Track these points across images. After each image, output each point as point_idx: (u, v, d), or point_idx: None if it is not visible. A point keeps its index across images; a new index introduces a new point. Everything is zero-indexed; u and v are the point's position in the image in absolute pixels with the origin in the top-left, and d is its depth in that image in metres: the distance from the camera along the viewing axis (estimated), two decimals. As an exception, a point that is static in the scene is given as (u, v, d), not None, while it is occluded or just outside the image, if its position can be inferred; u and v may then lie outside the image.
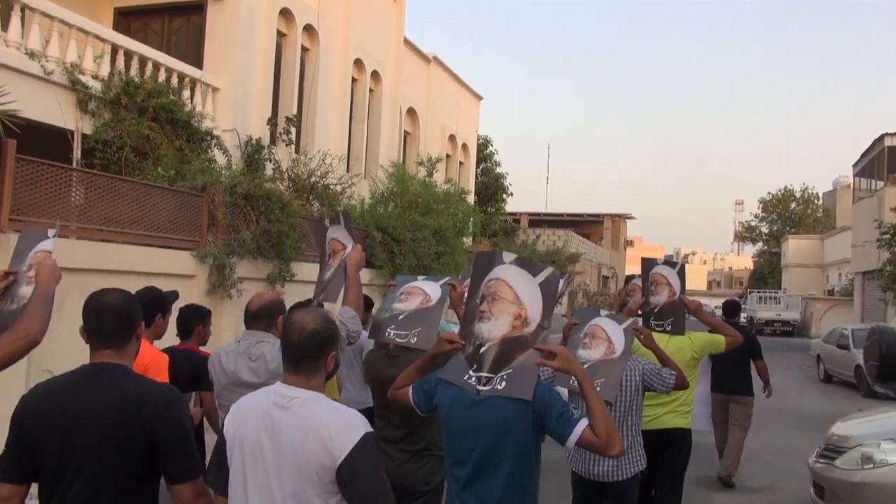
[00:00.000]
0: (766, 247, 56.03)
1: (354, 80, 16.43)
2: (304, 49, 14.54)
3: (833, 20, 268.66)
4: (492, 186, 27.76)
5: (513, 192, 28.50)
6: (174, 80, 10.85)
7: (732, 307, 7.61)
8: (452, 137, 22.50)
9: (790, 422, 10.73)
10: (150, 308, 3.64)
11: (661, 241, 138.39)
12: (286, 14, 13.65)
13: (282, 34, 13.78)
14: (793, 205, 55.79)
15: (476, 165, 25.77)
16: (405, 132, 19.77)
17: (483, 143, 27.41)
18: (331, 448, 2.04)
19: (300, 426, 2.08)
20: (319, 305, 3.84)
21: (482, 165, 27.56)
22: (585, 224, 41.65)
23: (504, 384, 2.55)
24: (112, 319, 2.26)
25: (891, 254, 19.69)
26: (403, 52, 18.60)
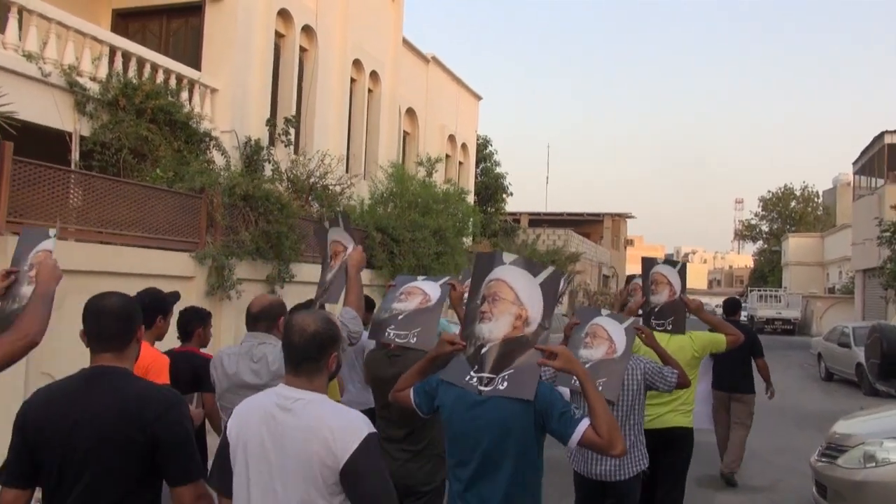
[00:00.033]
0: (767, 245, 55.96)
1: (353, 81, 16.41)
2: (303, 49, 14.52)
3: (831, 20, 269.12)
4: (491, 186, 27.72)
5: (512, 192, 28.58)
6: (172, 82, 10.84)
7: (733, 305, 7.59)
8: (452, 137, 22.48)
9: (791, 420, 10.70)
10: (151, 310, 3.63)
11: (662, 241, 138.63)
12: (284, 15, 13.64)
13: (280, 35, 13.76)
14: (793, 203, 55.73)
15: (475, 165, 25.74)
16: (404, 132, 19.74)
17: (482, 143, 27.37)
18: (334, 449, 2.04)
19: (303, 428, 2.08)
20: (321, 307, 3.84)
21: (482, 165, 27.53)
22: (585, 223, 41.60)
23: (506, 384, 2.55)
24: (112, 323, 2.26)
25: (891, 251, 19.64)
26: (402, 53, 18.59)
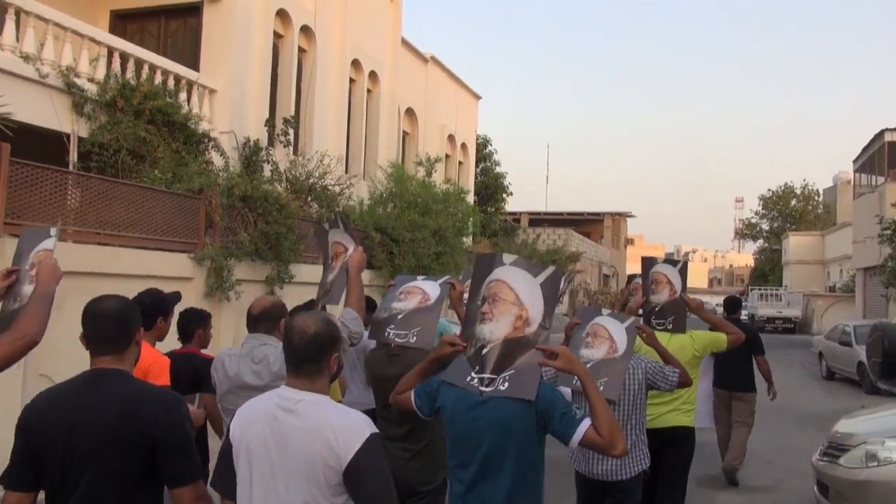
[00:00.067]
0: (767, 244, 55.92)
1: (352, 81, 16.39)
2: (301, 50, 14.50)
3: (831, 20, 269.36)
4: (491, 186, 27.69)
5: (512, 192, 28.45)
6: (170, 83, 10.82)
7: (733, 303, 7.57)
8: (451, 137, 22.46)
9: (792, 420, 10.67)
10: (152, 310, 3.63)
11: (662, 240, 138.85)
12: (282, 15, 13.62)
13: (278, 35, 13.74)
14: (793, 201, 55.72)
15: (475, 165, 25.72)
16: (404, 132, 19.73)
17: (482, 143, 27.35)
18: (337, 450, 2.05)
19: (306, 429, 2.09)
20: (322, 308, 3.85)
21: (481, 165, 27.50)
22: (585, 223, 41.58)
23: (507, 385, 2.55)
24: (110, 326, 2.27)
25: (892, 249, 19.61)
26: (401, 53, 18.57)
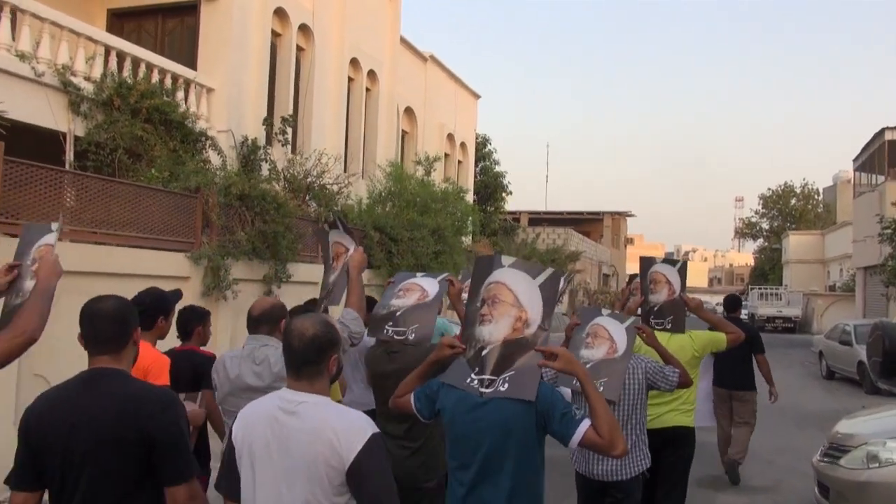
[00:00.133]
0: (767, 243, 55.91)
1: (351, 80, 16.35)
2: (300, 49, 14.45)
3: (831, 20, 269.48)
4: (491, 185, 27.63)
5: (512, 191, 28.40)
6: (168, 81, 10.77)
7: (733, 302, 7.54)
8: (451, 136, 22.42)
9: (792, 420, 10.63)
10: (153, 310, 3.64)
11: (662, 239, 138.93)
12: (280, 14, 13.57)
13: (276, 34, 13.70)
14: (793, 201, 55.69)
15: (475, 164, 25.68)
16: (403, 131, 19.68)
17: (481, 142, 27.29)
18: (339, 450, 2.06)
19: (308, 430, 2.10)
20: (325, 309, 3.90)
21: (481, 164, 27.45)
22: (585, 222, 41.54)
23: (507, 386, 2.56)
24: (108, 326, 2.29)
25: (892, 248, 19.58)
26: (400, 52, 18.53)
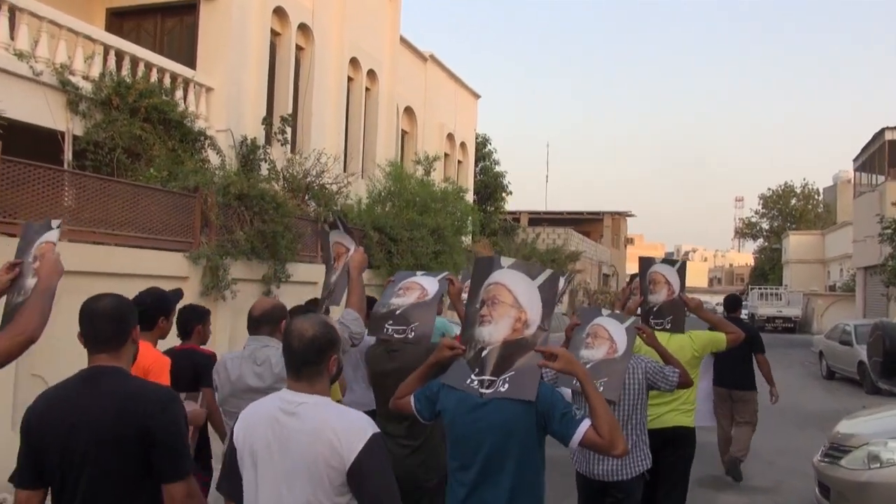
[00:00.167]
0: (767, 243, 55.87)
1: (350, 79, 16.33)
2: (299, 48, 14.43)
3: (831, 20, 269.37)
4: (491, 185, 27.60)
5: (512, 191, 28.36)
6: (167, 81, 10.75)
7: (734, 302, 7.52)
8: (450, 136, 22.39)
9: (792, 420, 10.61)
10: (154, 310, 3.64)
11: (662, 239, 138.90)
12: (280, 13, 13.55)
13: (276, 33, 13.68)
14: (793, 201, 55.65)
15: (475, 164, 25.65)
16: (403, 131, 19.66)
17: (481, 142, 27.26)
18: (339, 450, 2.07)
19: (308, 430, 2.11)
20: (326, 310, 3.91)
21: (481, 164, 27.41)
22: (585, 222, 41.49)
23: (507, 386, 2.57)
24: (106, 324, 2.30)
25: (893, 248, 19.57)
26: (399, 51, 18.51)
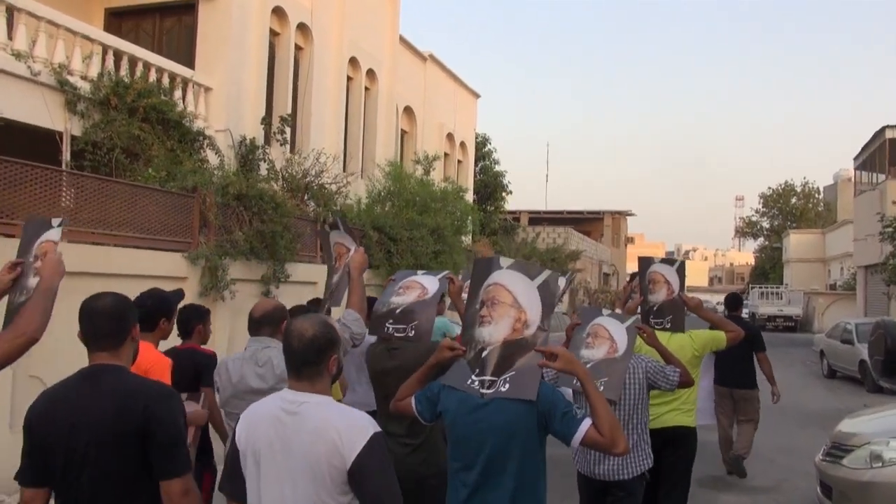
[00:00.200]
0: (768, 242, 55.82)
1: (350, 79, 16.30)
2: (298, 48, 14.40)
3: (831, 20, 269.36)
4: (491, 185, 27.56)
5: (512, 191, 28.34)
6: (165, 81, 10.72)
7: (734, 301, 7.51)
8: (450, 136, 22.36)
9: (794, 419, 10.57)
10: (155, 312, 3.65)
11: (662, 239, 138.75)
12: (279, 13, 13.52)
13: (275, 33, 13.65)
14: (793, 199, 55.60)
15: (475, 164, 25.62)
16: (402, 131, 19.63)
17: (481, 142, 27.23)
18: (341, 449, 2.07)
19: (310, 430, 2.12)
20: (328, 311, 3.91)
21: (481, 164, 27.38)
22: (585, 221, 41.45)
23: (508, 386, 2.57)
24: (105, 322, 2.32)
25: (893, 247, 19.53)
26: (399, 51, 18.48)
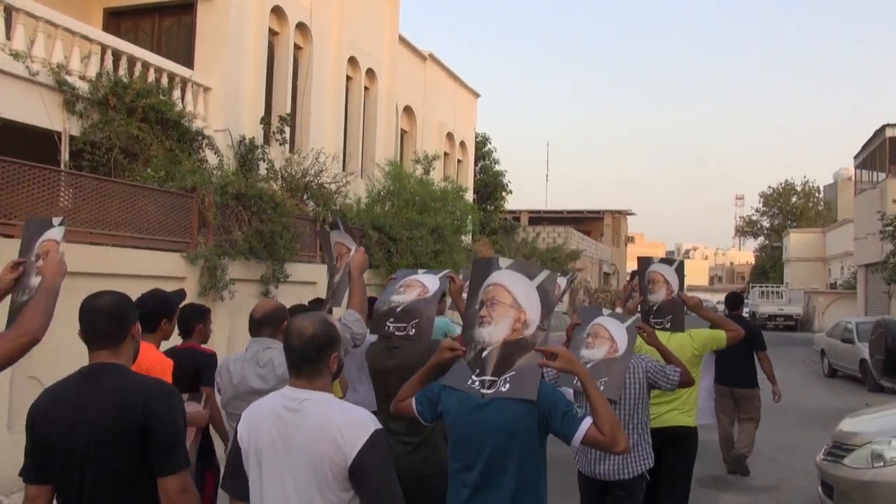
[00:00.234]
0: (768, 241, 55.80)
1: (349, 79, 16.28)
2: (297, 47, 14.38)
3: (831, 20, 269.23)
4: (491, 184, 27.54)
5: (512, 191, 28.32)
6: (164, 80, 10.70)
7: (735, 300, 7.49)
8: (450, 135, 22.34)
9: (794, 418, 10.56)
10: (156, 313, 3.66)
11: (662, 238, 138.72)
12: (278, 12, 13.50)
13: (274, 32, 13.63)
14: (794, 198, 55.59)
15: (475, 163, 25.60)
16: (402, 130, 19.61)
17: (481, 141, 27.21)
18: (342, 446, 2.08)
19: (311, 427, 2.13)
20: (329, 311, 3.89)
21: (481, 163, 27.36)
22: (586, 221, 41.40)
23: (508, 386, 2.57)
24: (105, 321, 2.34)
25: (894, 245, 19.51)
26: (399, 50, 18.46)
